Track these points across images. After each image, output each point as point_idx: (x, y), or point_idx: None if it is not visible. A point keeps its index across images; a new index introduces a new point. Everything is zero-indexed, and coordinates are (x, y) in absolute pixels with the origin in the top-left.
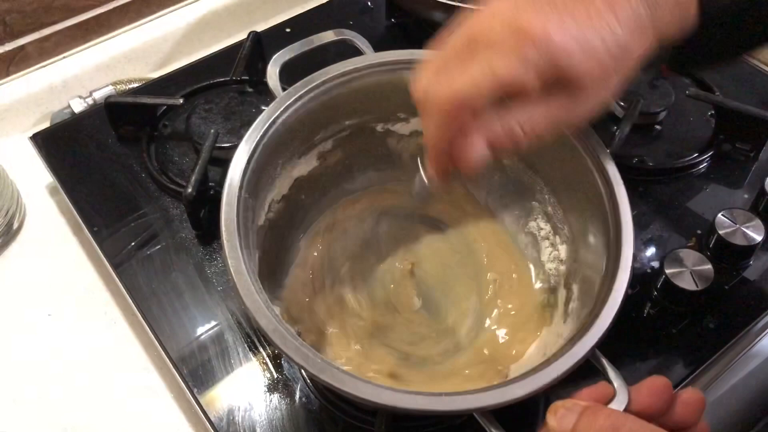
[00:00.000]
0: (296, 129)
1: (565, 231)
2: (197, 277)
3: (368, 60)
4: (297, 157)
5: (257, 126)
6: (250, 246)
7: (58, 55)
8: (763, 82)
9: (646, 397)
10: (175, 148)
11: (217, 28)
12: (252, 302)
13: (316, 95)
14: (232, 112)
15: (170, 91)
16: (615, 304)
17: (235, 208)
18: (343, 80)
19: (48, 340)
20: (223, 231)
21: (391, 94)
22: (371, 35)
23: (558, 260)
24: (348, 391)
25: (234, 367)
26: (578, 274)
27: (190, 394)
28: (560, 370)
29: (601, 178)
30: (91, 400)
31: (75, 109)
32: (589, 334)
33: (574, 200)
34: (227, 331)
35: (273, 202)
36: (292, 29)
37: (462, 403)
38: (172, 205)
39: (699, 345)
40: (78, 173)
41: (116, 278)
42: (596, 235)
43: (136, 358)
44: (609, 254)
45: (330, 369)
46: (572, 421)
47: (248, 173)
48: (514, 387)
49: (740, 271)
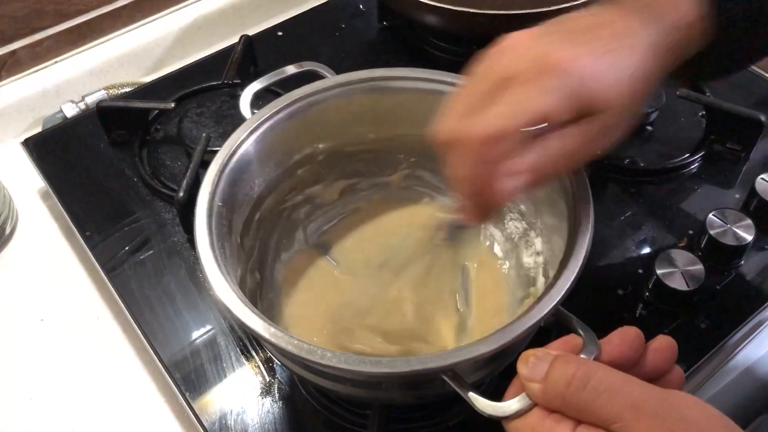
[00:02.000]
0: (268, 151)
1: (538, 224)
2: (190, 282)
3: (329, 82)
4: (276, 179)
5: (227, 145)
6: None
7: (50, 60)
8: (753, 82)
9: (617, 347)
10: (167, 153)
11: (209, 32)
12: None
13: (284, 117)
14: (223, 115)
15: (162, 96)
16: (578, 261)
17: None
18: (309, 101)
19: (40, 346)
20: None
21: (359, 116)
22: (363, 38)
23: (536, 253)
24: (312, 359)
25: (226, 372)
26: (554, 261)
27: (182, 398)
28: (525, 326)
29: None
30: (84, 405)
31: (67, 114)
32: (554, 290)
33: (542, 192)
34: (220, 335)
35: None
36: (284, 33)
37: (428, 363)
38: (165, 210)
39: (691, 345)
40: (70, 178)
41: (108, 283)
42: (561, 214)
43: (129, 363)
44: (570, 219)
45: (292, 338)
46: (544, 370)
47: (220, 186)
48: (479, 345)
49: (732, 270)
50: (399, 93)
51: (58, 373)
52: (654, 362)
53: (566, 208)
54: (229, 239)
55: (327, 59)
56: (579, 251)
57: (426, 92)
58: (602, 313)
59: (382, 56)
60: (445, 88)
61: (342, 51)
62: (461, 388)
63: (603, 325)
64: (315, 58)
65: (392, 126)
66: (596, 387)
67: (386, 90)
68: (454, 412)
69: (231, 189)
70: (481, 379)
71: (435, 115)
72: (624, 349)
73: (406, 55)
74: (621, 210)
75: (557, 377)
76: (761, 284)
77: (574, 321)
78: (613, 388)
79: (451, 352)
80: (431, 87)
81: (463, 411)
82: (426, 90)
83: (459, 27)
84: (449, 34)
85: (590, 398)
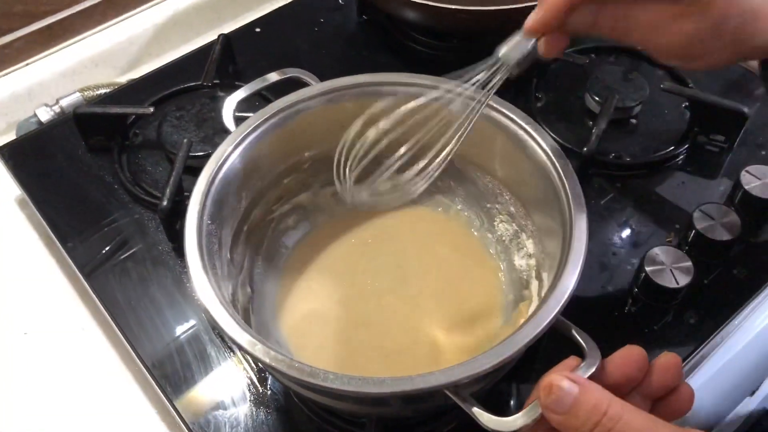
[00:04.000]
0: (255, 163)
1: (529, 226)
2: (176, 291)
3: (314, 89)
4: (262, 190)
5: (212, 161)
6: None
7: (20, 62)
8: (736, 73)
9: (620, 368)
10: (147, 158)
11: (186, 28)
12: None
13: (270, 128)
14: (204, 119)
15: (140, 98)
16: (575, 267)
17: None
18: (294, 110)
19: (26, 360)
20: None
21: (346, 122)
22: (342, 32)
23: (527, 255)
24: (320, 384)
25: (217, 382)
26: (546, 263)
27: (173, 410)
28: (527, 338)
29: (551, 165)
30: (73, 419)
31: (42, 119)
32: (552, 299)
33: (533, 195)
34: (210, 345)
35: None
36: (262, 29)
37: (432, 381)
38: (147, 217)
39: (680, 341)
40: (48, 185)
41: (93, 294)
42: (554, 218)
43: (116, 374)
44: (564, 224)
45: (293, 362)
46: (568, 404)
47: (208, 203)
48: (481, 359)
49: (719, 265)
50: (385, 98)
51: (45, 387)
52: (660, 380)
53: (558, 210)
54: (220, 256)
55: (306, 55)
56: (576, 256)
57: (411, 97)
58: (591, 311)
59: (362, 51)
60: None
61: (321, 46)
62: (464, 403)
63: (591, 323)
64: (294, 54)
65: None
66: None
67: (371, 96)
68: (447, 418)
69: (219, 205)
70: (479, 389)
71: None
72: (627, 370)
73: (386, 49)
74: (607, 205)
75: (584, 416)
76: (747, 277)
77: (573, 329)
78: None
79: (454, 369)
80: (416, 91)
81: (456, 417)
82: (411, 94)
83: (439, 23)
84: (430, 28)
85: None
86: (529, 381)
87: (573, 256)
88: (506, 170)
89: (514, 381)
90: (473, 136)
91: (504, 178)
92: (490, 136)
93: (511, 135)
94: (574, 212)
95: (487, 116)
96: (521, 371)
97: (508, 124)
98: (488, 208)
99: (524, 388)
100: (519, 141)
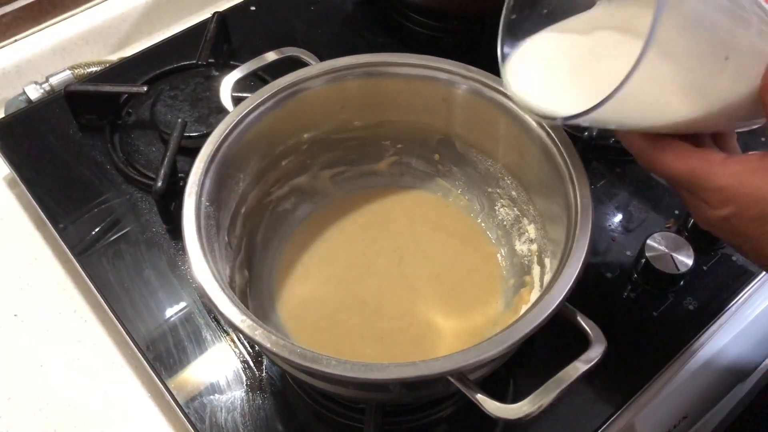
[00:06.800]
0: (253, 144)
1: (531, 211)
2: (170, 273)
3: (314, 70)
4: (260, 171)
5: (210, 141)
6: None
7: (9, 38)
8: None
9: None
10: (140, 138)
11: (178, 6)
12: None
13: (268, 108)
14: (198, 98)
15: (132, 77)
16: (581, 252)
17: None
18: (294, 90)
19: (16, 343)
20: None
21: (346, 103)
22: (339, 12)
23: (529, 240)
24: (323, 370)
25: (212, 365)
26: (549, 248)
27: (169, 395)
28: (533, 323)
29: (555, 150)
30: (65, 402)
31: (31, 96)
32: (559, 284)
33: (536, 180)
34: (205, 328)
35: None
36: (257, 7)
37: (435, 368)
38: (141, 198)
39: (680, 326)
40: (38, 165)
41: (85, 276)
42: (558, 203)
43: (109, 357)
44: (569, 209)
45: (295, 347)
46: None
47: (206, 184)
48: (486, 345)
49: (718, 250)
50: (385, 79)
51: (37, 370)
52: None
53: (562, 194)
54: (218, 238)
55: (303, 35)
56: (581, 243)
57: (413, 78)
58: (589, 297)
59: (359, 30)
60: (432, 74)
61: (318, 26)
62: (468, 389)
63: (591, 308)
64: (290, 34)
65: (379, 113)
66: None
67: (372, 76)
68: (446, 403)
69: (217, 186)
70: (483, 375)
71: (422, 100)
72: None
73: (383, 29)
74: (607, 190)
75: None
76: (746, 263)
77: (578, 315)
78: None
79: (458, 355)
80: (418, 72)
81: (454, 403)
82: (413, 75)
83: (438, 3)
84: (428, 9)
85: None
86: (526, 366)
87: (579, 242)
88: (509, 154)
89: (511, 366)
90: (476, 119)
91: (506, 162)
92: (493, 119)
93: (516, 118)
94: (579, 197)
95: (491, 99)
96: (517, 356)
97: (513, 107)
98: (489, 192)
99: (520, 372)
100: (523, 124)
